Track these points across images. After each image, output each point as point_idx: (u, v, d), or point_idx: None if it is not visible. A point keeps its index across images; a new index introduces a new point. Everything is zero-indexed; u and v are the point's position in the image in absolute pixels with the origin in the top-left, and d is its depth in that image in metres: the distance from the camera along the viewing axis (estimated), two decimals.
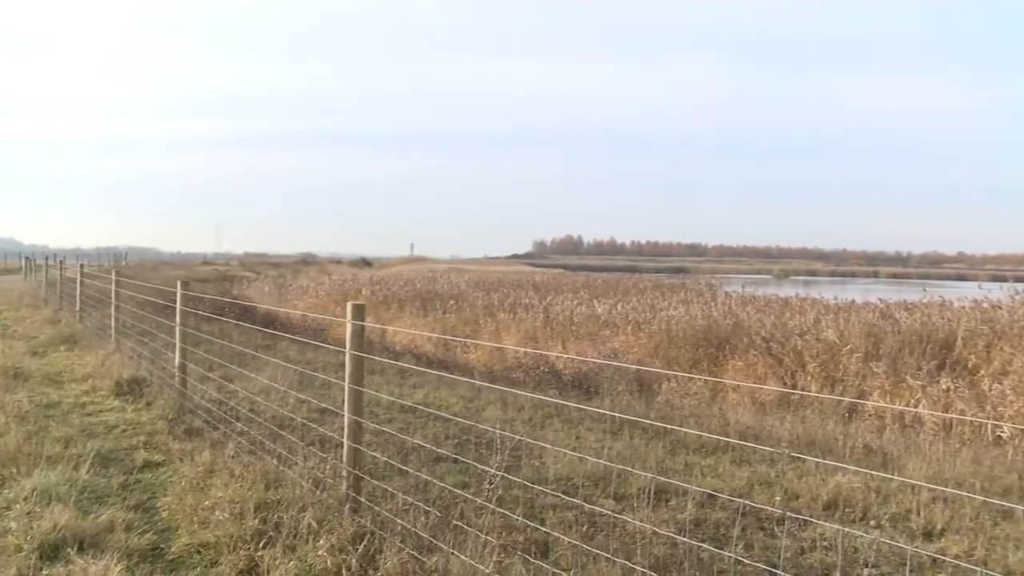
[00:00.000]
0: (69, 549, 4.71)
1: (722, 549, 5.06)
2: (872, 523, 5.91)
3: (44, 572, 4.46)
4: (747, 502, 5.91)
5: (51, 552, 4.73)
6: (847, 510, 6.23)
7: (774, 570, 4.77)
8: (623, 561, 4.45)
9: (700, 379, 13.17)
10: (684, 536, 5.03)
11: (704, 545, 5.07)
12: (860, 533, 5.56)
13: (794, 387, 13.24)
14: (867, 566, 4.99)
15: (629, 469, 6.41)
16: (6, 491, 5.85)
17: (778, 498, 6.36)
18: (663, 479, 6.34)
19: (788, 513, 5.62)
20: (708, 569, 4.79)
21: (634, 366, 13.30)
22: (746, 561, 4.90)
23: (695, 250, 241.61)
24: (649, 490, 6.16)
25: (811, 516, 5.89)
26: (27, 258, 44.50)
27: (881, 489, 6.59)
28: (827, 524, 5.61)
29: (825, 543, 5.43)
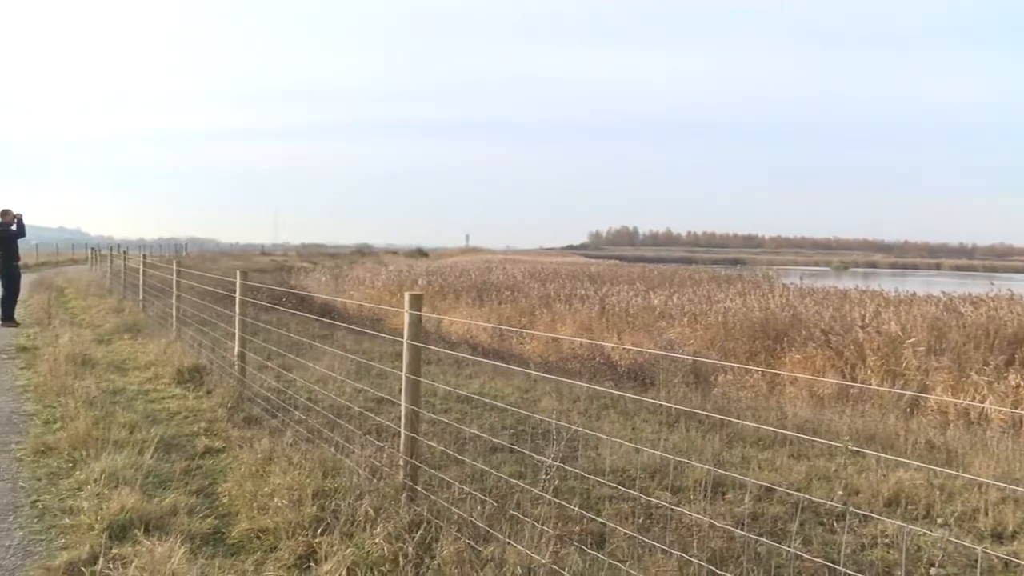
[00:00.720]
0: (136, 530, 4.82)
1: (780, 543, 5.00)
2: (939, 521, 5.77)
3: (114, 551, 4.57)
4: (806, 496, 5.82)
5: (119, 532, 4.85)
6: (909, 507, 6.10)
7: (834, 566, 4.68)
8: (679, 553, 4.42)
9: (757, 371, 13.01)
10: (741, 529, 4.98)
11: (762, 539, 5.01)
12: (924, 531, 5.43)
13: (853, 381, 13.01)
14: (932, 566, 4.86)
15: (686, 461, 6.35)
16: (77, 472, 6.03)
17: (840, 492, 6.25)
18: (720, 471, 6.28)
19: (851, 508, 5.53)
20: (766, 563, 4.72)
21: (690, 357, 13.18)
22: (805, 556, 4.82)
23: (752, 241, 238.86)
24: (706, 483, 6.10)
25: (872, 512, 5.78)
26: (93, 249, 45.52)
27: (945, 487, 6.44)
28: (889, 521, 5.49)
29: (886, 540, 5.33)
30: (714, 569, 4.19)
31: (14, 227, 16.15)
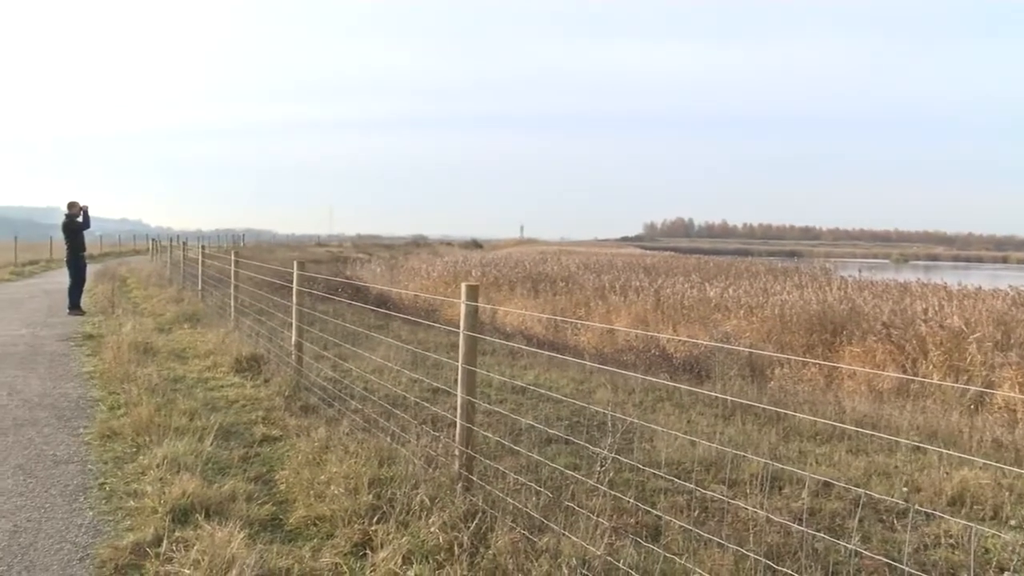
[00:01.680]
0: (197, 515, 4.92)
1: (839, 540, 4.91)
2: (1012, 523, 5.61)
3: (176, 534, 4.67)
4: (865, 492, 5.72)
5: (181, 516, 4.95)
6: (975, 507, 5.94)
7: (896, 563, 4.59)
8: (735, 547, 4.37)
9: (815, 365, 12.82)
10: (799, 525, 4.91)
11: (820, 535, 4.93)
12: (993, 532, 5.27)
13: (914, 376, 12.74)
14: (1004, 571, 4.72)
15: (742, 454, 6.28)
16: (141, 457, 6.17)
17: (905, 489, 6.13)
18: (777, 465, 6.20)
19: (915, 506, 5.42)
20: (823, 560, 4.65)
21: (746, 349, 13.03)
22: (865, 553, 4.73)
23: (809, 233, 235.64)
24: (762, 477, 6.03)
25: (935, 510, 5.64)
26: (153, 239, 46.44)
27: (1015, 487, 6.26)
28: (954, 520, 5.35)
29: (951, 541, 5.19)
30: (771, 564, 4.14)
31: (80, 219, 16.53)
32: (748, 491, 5.89)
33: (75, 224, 16.51)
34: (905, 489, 6.14)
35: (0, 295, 20.87)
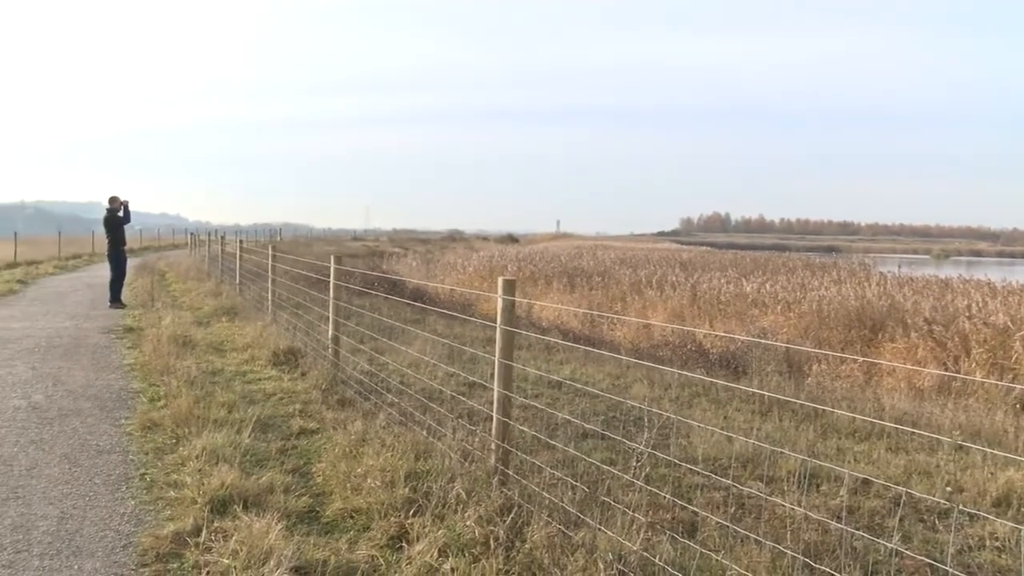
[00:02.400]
0: (235, 506, 4.97)
1: (878, 539, 4.85)
2: None
3: (215, 524, 4.72)
4: (906, 490, 5.63)
5: (220, 507, 5.01)
6: (1022, 509, 5.83)
7: (938, 564, 4.51)
8: (772, 544, 4.33)
9: (853, 361, 12.67)
10: (837, 523, 4.85)
11: (859, 533, 4.87)
12: None
13: (956, 373, 12.54)
14: None
15: (780, 450, 6.22)
16: (181, 448, 6.25)
17: (949, 489, 6.03)
18: (814, 462, 6.13)
19: (958, 507, 5.32)
20: (862, 559, 4.59)
21: (784, 345, 12.91)
22: (906, 553, 4.66)
23: (847, 228, 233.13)
24: (799, 474, 5.97)
25: (979, 511, 5.53)
26: (192, 234, 47.01)
27: None
28: (1000, 521, 5.25)
29: (997, 543, 5.09)
30: (809, 561, 4.10)
31: (121, 213, 16.76)
32: (785, 488, 5.84)
33: (116, 219, 16.74)
34: (948, 489, 6.04)
35: (45, 288, 21.23)
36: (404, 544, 4.54)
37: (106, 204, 16.93)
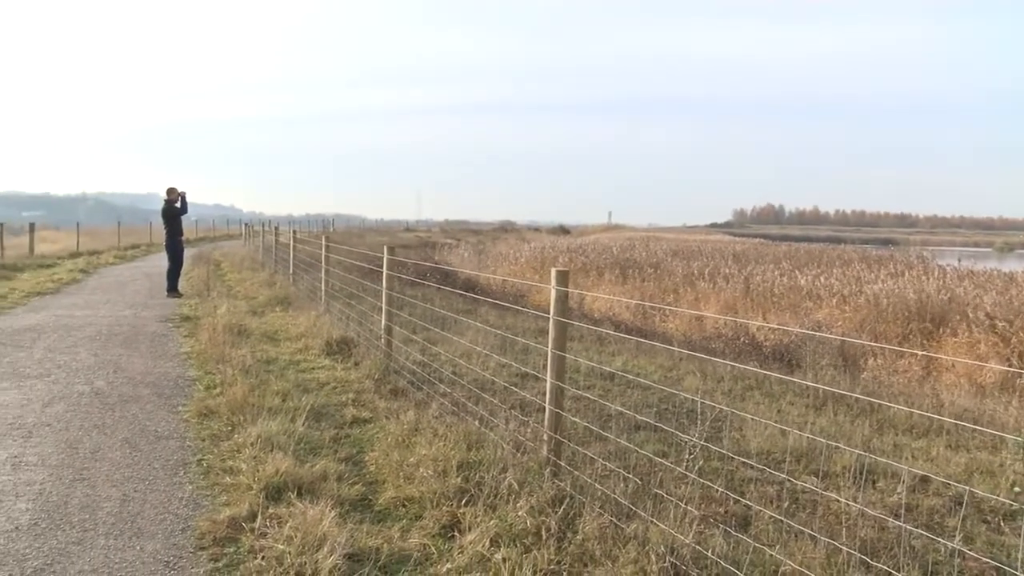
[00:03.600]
0: (289, 493, 5.04)
1: (938, 538, 4.75)
2: None
3: (270, 510, 4.80)
4: (969, 489, 5.50)
5: (275, 493, 5.08)
6: None
7: (1004, 566, 4.39)
8: (828, 540, 4.27)
9: (911, 356, 12.43)
10: (895, 520, 4.76)
11: (918, 531, 4.77)
12: None
13: (1021, 370, 12.20)
14: None
15: (837, 445, 6.13)
16: (236, 436, 6.35)
17: (1017, 489, 5.88)
18: (871, 457, 6.03)
19: None
20: (922, 559, 4.50)
21: (839, 338, 12.72)
22: (968, 554, 4.56)
23: (905, 221, 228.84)
24: (855, 469, 5.87)
25: None
26: (246, 224, 47.65)
27: None
28: None
29: None
30: (866, 559, 4.03)
31: (178, 204, 17.08)
32: (841, 483, 5.76)
33: (173, 210, 17.02)
34: (1016, 489, 5.89)
35: (106, 278, 21.70)
36: (456, 533, 4.56)
37: (163, 195, 17.19)
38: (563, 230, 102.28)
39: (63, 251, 29.73)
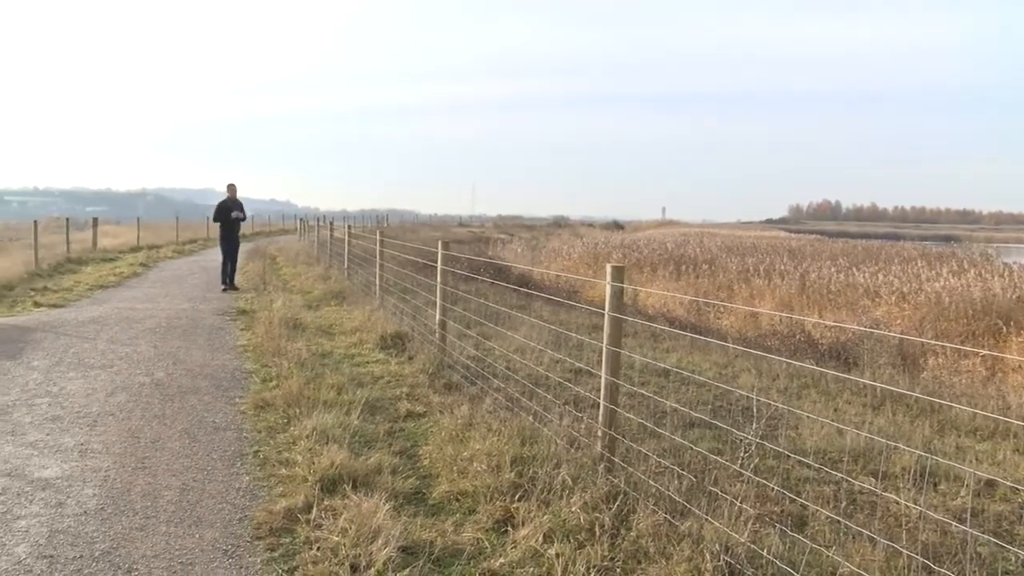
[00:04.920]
0: (344, 485, 5.08)
1: (1008, 545, 4.62)
2: None
3: (325, 502, 4.84)
4: None
5: (330, 486, 5.13)
6: None
7: None
8: (887, 543, 4.18)
9: (975, 356, 12.13)
10: (960, 525, 4.65)
11: (985, 537, 4.65)
12: None
13: None
14: None
15: (896, 445, 6.01)
16: (292, 428, 6.43)
17: None
18: (933, 458, 5.90)
19: None
20: (989, 566, 4.38)
21: (898, 335, 12.48)
22: None
23: (968, 217, 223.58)
24: (915, 471, 5.75)
25: None
26: (301, 220, 48.23)
27: None
28: None
29: None
30: (928, 563, 3.93)
31: (242, 215, 17.28)
32: (900, 485, 5.63)
33: (226, 206, 17.07)
34: None
35: (165, 271, 22.13)
36: (509, 528, 4.56)
37: (222, 191, 17.40)
38: (616, 226, 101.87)
39: (124, 245, 30.38)
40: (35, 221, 24.16)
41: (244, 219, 17.66)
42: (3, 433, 6.37)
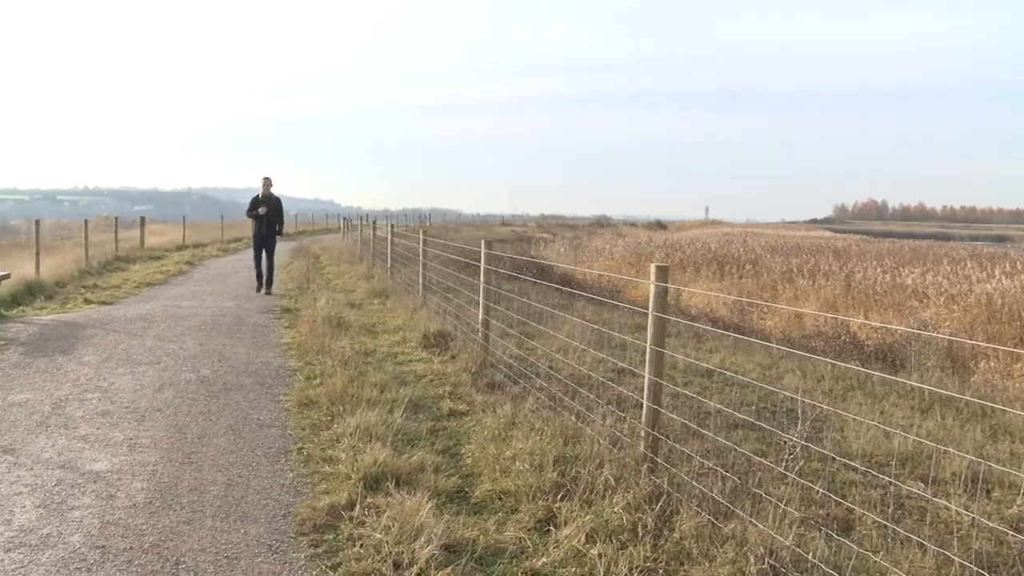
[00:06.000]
0: (387, 483, 5.11)
1: None
2: None
3: (368, 500, 4.88)
4: None
5: (373, 483, 5.16)
6: None
7: None
8: (938, 549, 4.11)
9: None
10: (1017, 533, 4.55)
11: None
12: None
13: None
14: None
15: (946, 449, 5.89)
16: (335, 426, 6.47)
17: None
18: (986, 464, 5.77)
19: None
20: None
21: (947, 337, 12.25)
22: None
23: (1020, 216, 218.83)
24: (966, 477, 5.64)
25: None
26: (344, 219, 48.67)
27: None
28: None
29: None
30: (983, 573, 3.84)
31: (264, 209, 15.95)
32: (951, 491, 5.53)
33: (256, 202, 16.05)
34: None
35: (210, 270, 22.43)
36: (551, 528, 4.55)
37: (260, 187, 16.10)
38: (659, 225, 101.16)
39: (170, 244, 30.88)
40: (85, 220, 24.69)
41: (277, 216, 16.21)
42: (57, 427, 6.52)
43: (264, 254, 16.44)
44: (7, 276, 14.00)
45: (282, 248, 18.76)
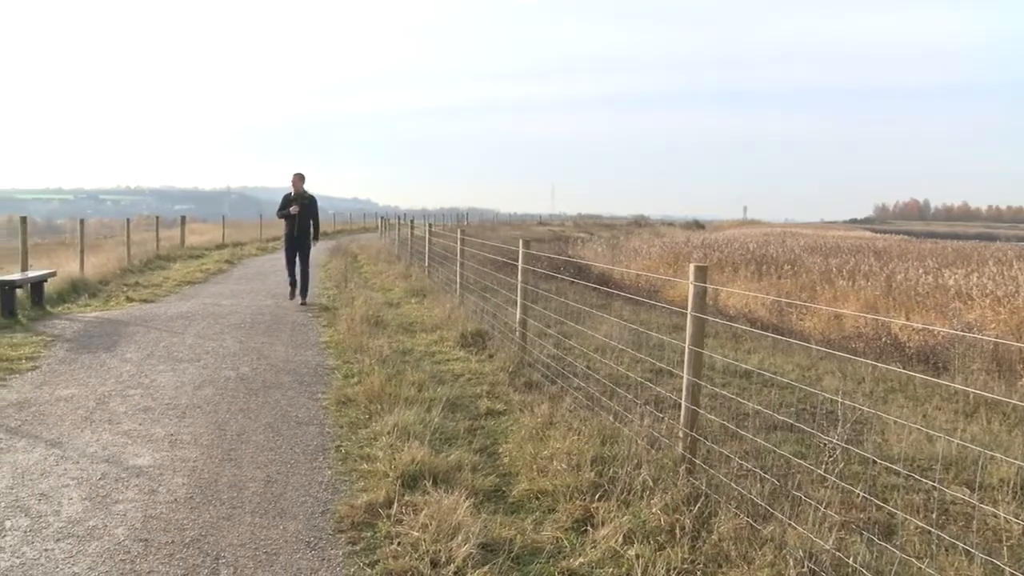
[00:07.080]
0: (425, 481, 5.12)
1: None
2: None
3: (406, 498, 4.89)
4: None
5: (410, 482, 5.17)
6: None
7: None
8: (985, 557, 4.03)
9: None
10: None
11: None
12: None
13: None
14: None
15: (993, 454, 5.79)
16: (373, 424, 6.51)
17: None
18: None
19: None
20: None
21: (993, 339, 12.04)
22: None
23: None
24: (1015, 483, 5.53)
25: None
26: (382, 218, 48.95)
27: None
28: None
29: None
30: None
31: (297, 208, 14.07)
32: (998, 497, 5.42)
33: (287, 201, 14.20)
34: None
35: (249, 268, 22.67)
36: (589, 528, 4.54)
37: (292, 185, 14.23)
38: (697, 225, 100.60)
39: (209, 243, 31.27)
40: (127, 219, 25.04)
41: (312, 216, 14.39)
42: (102, 421, 6.63)
43: (297, 258, 14.43)
44: (53, 274, 14.25)
45: (320, 247, 18.74)
